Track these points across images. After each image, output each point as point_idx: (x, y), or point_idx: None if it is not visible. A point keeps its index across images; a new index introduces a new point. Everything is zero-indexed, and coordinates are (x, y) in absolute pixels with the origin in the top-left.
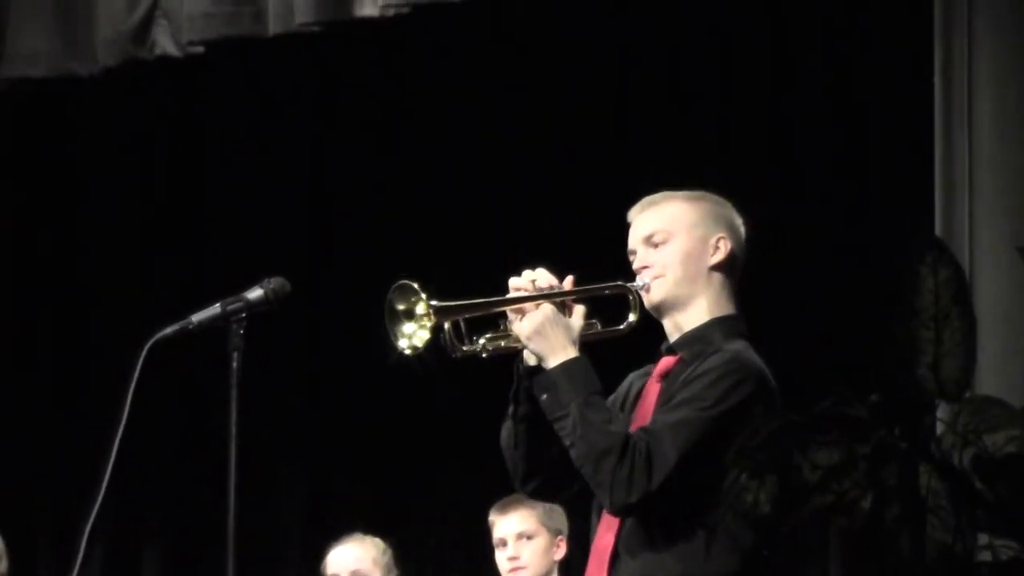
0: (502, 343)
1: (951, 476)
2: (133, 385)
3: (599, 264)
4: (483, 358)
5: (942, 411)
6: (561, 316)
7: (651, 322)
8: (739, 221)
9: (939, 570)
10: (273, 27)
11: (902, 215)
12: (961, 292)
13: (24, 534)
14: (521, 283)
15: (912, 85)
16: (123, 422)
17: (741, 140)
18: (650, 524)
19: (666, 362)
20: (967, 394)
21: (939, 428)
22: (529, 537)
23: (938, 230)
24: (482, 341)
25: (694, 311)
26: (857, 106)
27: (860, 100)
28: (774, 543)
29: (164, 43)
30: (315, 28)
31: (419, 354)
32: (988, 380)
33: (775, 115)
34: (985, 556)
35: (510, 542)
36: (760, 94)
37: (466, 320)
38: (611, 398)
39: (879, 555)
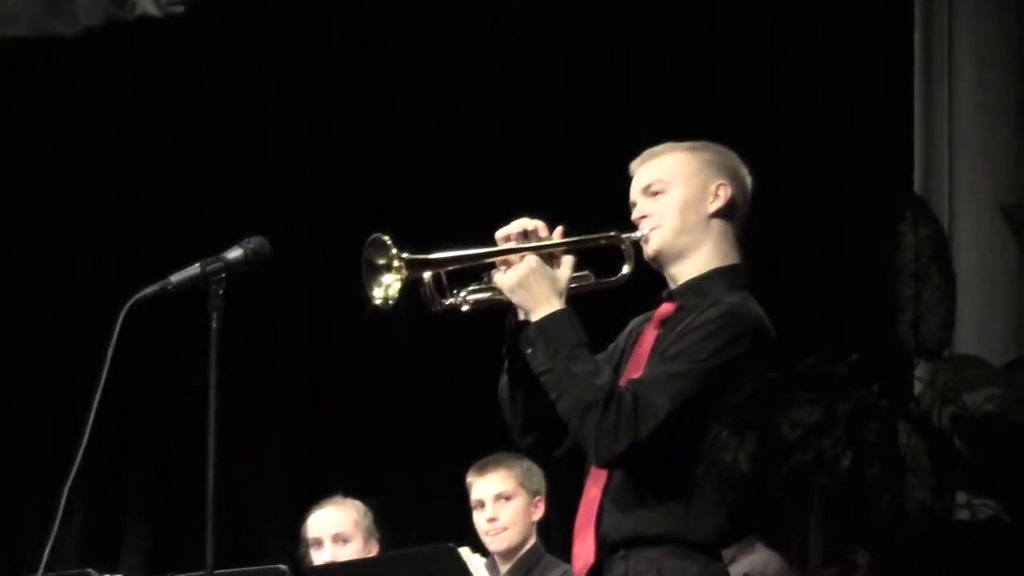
0: (485, 296)
1: (930, 434)
2: (112, 346)
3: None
4: (464, 312)
5: (921, 370)
6: (547, 268)
7: (647, 272)
8: (744, 170)
9: (918, 528)
10: None
11: (883, 173)
12: (941, 250)
13: (8, 501)
14: (509, 232)
15: (892, 43)
16: (102, 383)
17: (728, 100)
18: (638, 479)
19: (665, 308)
20: (946, 353)
21: (918, 387)
22: (507, 498)
23: (918, 188)
24: (463, 294)
25: (694, 260)
26: (838, 64)
27: (841, 58)
28: (755, 501)
29: (145, 3)
30: None
31: (393, 307)
32: (967, 339)
33: (757, 77)
34: (964, 515)
35: (488, 503)
36: (741, 56)
37: (450, 273)
38: (613, 344)
39: (858, 513)
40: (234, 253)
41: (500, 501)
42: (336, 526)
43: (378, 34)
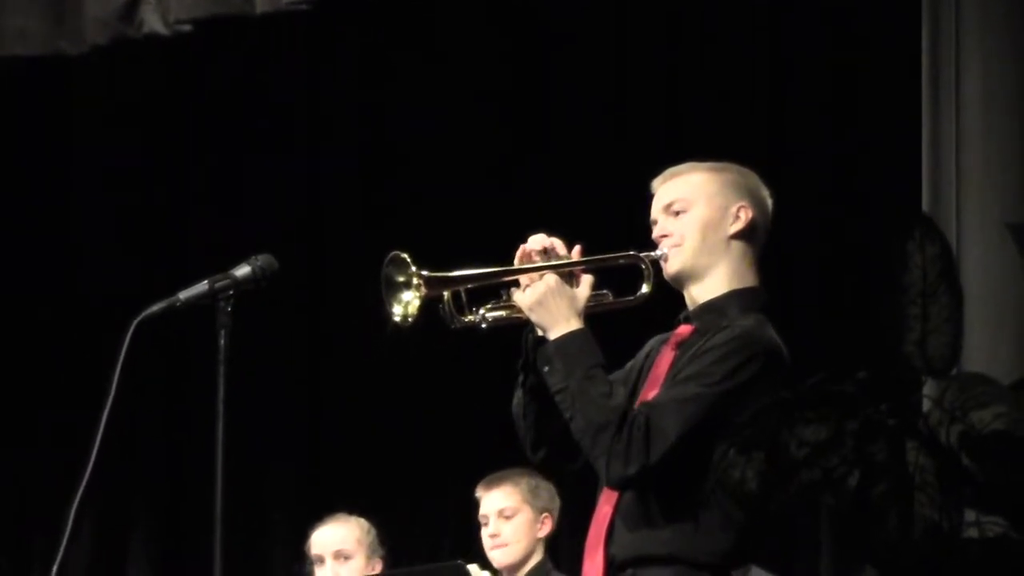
0: (504, 314)
1: (938, 453)
2: (120, 363)
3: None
4: (483, 329)
5: (929, 388)
6: (565, 287)
7: (669, 291)
8: (764, 192)
9: (926, 547)
10: (261, 5)
11: (890, 192)
12: (948, 269)
13: (16, 516)
14: (528, 250)
15: (900, 62)
16: (110, 400)
17: (732, 119)
18: (647, 499)
19: (683, 330)
20: (954, 371)
21: (926, 405)
22: (511, 514)
23: (925, 206)
24: (482, 312)
25: (712, 281)
26: (845, 83)
27: (848, 77)
28: (763, 520)
29: (152, 21)
30: (303, 6)
31: (412, 324)
32: (975, 357)
33: (763, 93)
34: (972, 533)
35: (492, 519)
36: (749, 71)
37: (469, 291)
38: (630, 363)
39: (866, 532)
40: (242, 270)
41: (503, 517)
42: (338, 543)
43: (387, 47)
